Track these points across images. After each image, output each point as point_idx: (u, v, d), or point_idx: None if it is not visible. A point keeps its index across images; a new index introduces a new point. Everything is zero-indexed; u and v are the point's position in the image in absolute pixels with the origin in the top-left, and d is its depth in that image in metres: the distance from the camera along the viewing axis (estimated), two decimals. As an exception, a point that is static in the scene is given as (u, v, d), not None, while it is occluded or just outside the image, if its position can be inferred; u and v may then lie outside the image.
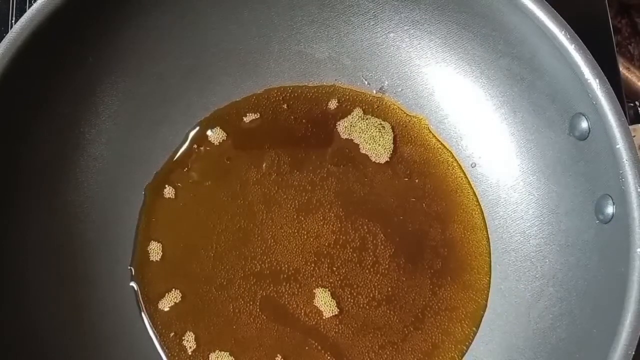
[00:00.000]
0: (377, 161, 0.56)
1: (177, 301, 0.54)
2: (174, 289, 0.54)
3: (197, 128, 0.57)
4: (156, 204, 0.56)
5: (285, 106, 0.57)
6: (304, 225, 0.55)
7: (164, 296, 0.54)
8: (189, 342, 0.53)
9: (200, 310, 0.54)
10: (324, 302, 0.54)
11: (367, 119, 0.57)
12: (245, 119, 0.57)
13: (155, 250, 0.55)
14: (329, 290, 0.54)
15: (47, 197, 0.51)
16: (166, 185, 0.56)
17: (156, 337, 0.53)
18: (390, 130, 0.57)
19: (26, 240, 0.50)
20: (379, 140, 0.57)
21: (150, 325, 0.53)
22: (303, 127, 0.57)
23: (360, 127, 0.57)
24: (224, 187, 0.56)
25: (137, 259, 0.54)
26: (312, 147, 0.57)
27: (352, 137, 0.57)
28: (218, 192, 0.56)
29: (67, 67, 0.50)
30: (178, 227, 0.55)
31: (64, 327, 0.50)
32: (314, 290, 0.54)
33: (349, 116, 0.57)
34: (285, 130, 0.57)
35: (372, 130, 0.57)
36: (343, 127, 0.57)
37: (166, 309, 0.54)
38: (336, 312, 0.53)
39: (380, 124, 0.57)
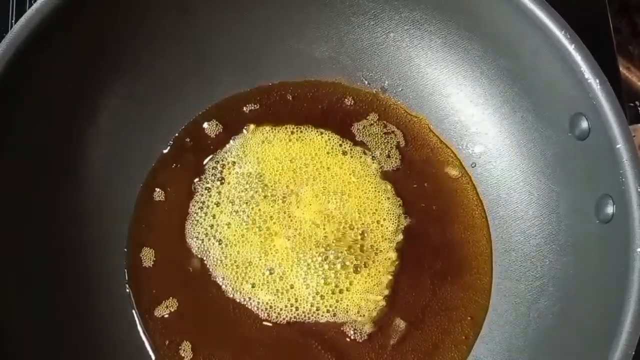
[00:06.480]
0: (387, 166, 0.56)
1: (174, 309, 0.53)
2: (171, 297, 0.53)
3: (194, 125, 0.57)
4: (146, 207, 0.55)
5: (289, 97, 0.58)
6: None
7: (160, 303, 0.53)
8: (186, 351, 0.52)
9: (197, 315, 0.53)
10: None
11: (381, 124, 0.57)
12: (245, 108, 0.57)
13: (147, 256, 0.54)
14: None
15: (47, 198, 0.51)
16: (156, 189, 0.56)
17: (151, 346, 0.52)
18: (402, 138, 0.57)
19: (26, 240, 0.50)
20: (389, 145, 0.57)
21: (145, 334, 0.52)
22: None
23: (373, 131, 0.57)
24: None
25: (131, 265, 0.54)
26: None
27: (365, 140, 0.57)
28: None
29: (67, 67, 0.50)
30: (169, 230, 0.55)
31: (60, 330, 0.50)
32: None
33: (363, 120, 0.57)
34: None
35: (384, 137, 0.57)
36: (357, 130, 0.57)
37: (162, 316, 0.53)
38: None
39: (393, 131, 0.57)
